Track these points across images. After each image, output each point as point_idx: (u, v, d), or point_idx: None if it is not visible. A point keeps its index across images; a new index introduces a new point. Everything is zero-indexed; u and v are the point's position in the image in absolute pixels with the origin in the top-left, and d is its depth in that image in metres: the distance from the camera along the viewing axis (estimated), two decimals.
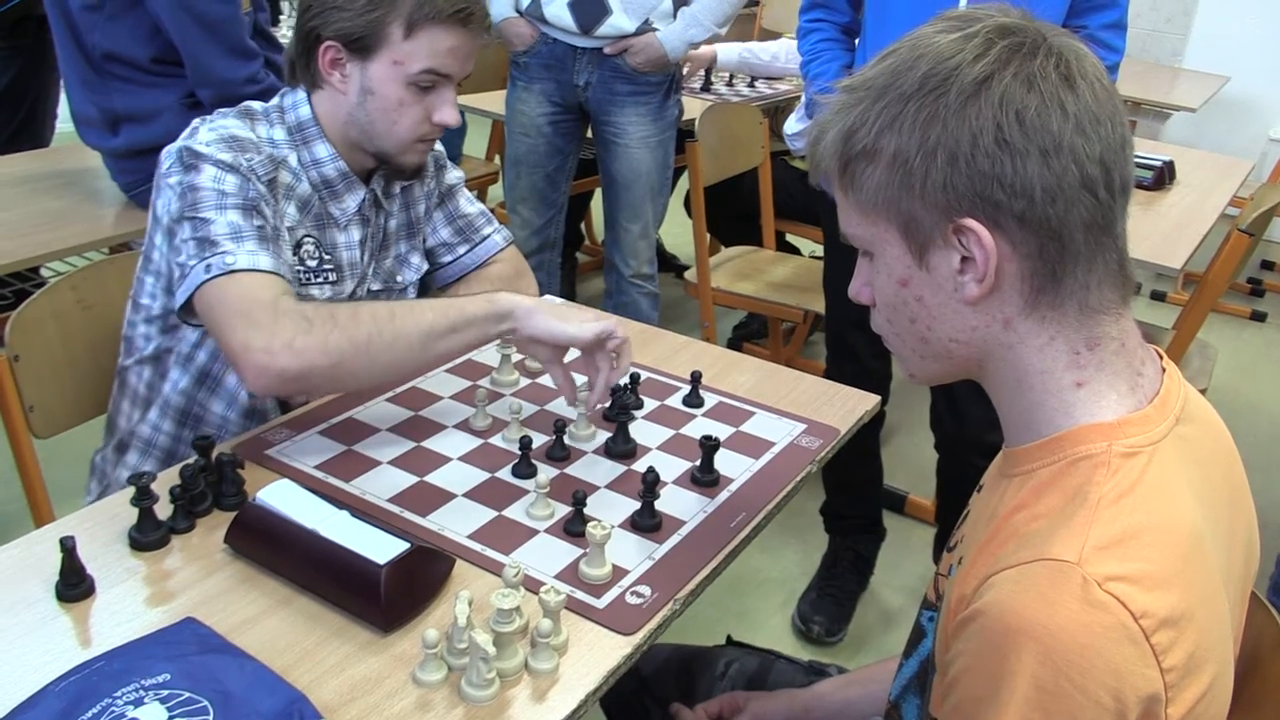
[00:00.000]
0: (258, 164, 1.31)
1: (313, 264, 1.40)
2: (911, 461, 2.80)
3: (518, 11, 2.58)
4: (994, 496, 0.84)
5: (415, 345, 1.24)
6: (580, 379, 1.36)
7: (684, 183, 3.11)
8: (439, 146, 1.61)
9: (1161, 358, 0.85)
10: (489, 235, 1.64)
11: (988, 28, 0.76)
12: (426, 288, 1.67)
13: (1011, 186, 0.74)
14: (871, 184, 0.79)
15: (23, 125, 2.86)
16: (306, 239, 1.39)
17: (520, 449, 1.26)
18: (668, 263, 3.96)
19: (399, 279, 1.56)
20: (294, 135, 1.38)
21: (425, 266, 1.60)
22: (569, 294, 3.58)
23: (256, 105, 1.40)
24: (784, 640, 2.26)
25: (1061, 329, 0.78)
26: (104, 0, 1.99)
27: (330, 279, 1.42)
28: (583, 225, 4.01)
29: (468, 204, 1.64)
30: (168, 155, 1.31)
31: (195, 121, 1.36)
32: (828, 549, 2.39)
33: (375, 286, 1.53)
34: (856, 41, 2.05)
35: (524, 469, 1.26)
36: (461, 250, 1.63)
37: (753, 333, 3.50)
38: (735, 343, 3.46)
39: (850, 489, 2.33)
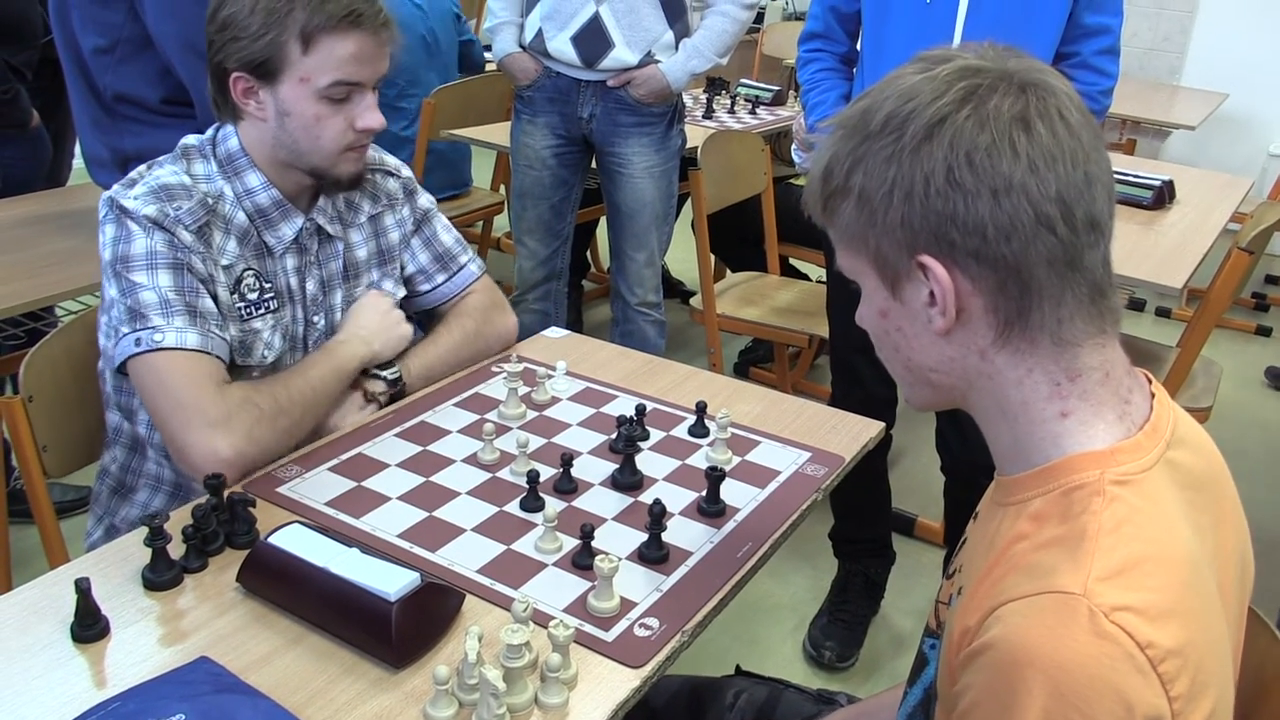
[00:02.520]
0: (186, 212, 1.33)
1: (253, 297, 1.41)
2: (920, 484, 2.81)
3: (521, 46, 2.61)
4: (990, 525, 0.85)
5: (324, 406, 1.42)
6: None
7: (687, 210, 3.14)
8: (405, 172, 1.62)
9: (1150, 382, 0.86)
10: (465, 264, 1.67)
11: (950, 69, 0.78)
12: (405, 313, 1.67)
13: (964, 225, 0.76)
14: (844, 219, 0.82)
15: None
16: (247, 272, 1.41)
17: (528, 482, 1.27)
18: (673, 288, 3.98)
19: None
20: (225, 168, 1.40)
21: (402, 293, 1.61)
22: (575, 323, 3.59)
23: (192, 140, 1.42)
24: (795, 666, 2.26)
25: (1038, 361, 0.80)
26: (115, 44, 2.02)
27: (271, 307, 1.44)
28: (588, 253, 4.04)
29: (444, 231, 1.66)
30: (103, 203, 1.34)
31: (135, 171, 1.38)
32: (838, 573, 2.39)
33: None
34: (855, 70, 2.07)
35: (532, 502, 1.27)
36: (440, 279, 1.65)
37: (759, 358, 3.52)
38: (741, 368, 3.48)
39: (859, 513, 2.33)
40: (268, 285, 1.43)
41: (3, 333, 2.35)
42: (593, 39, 2.49)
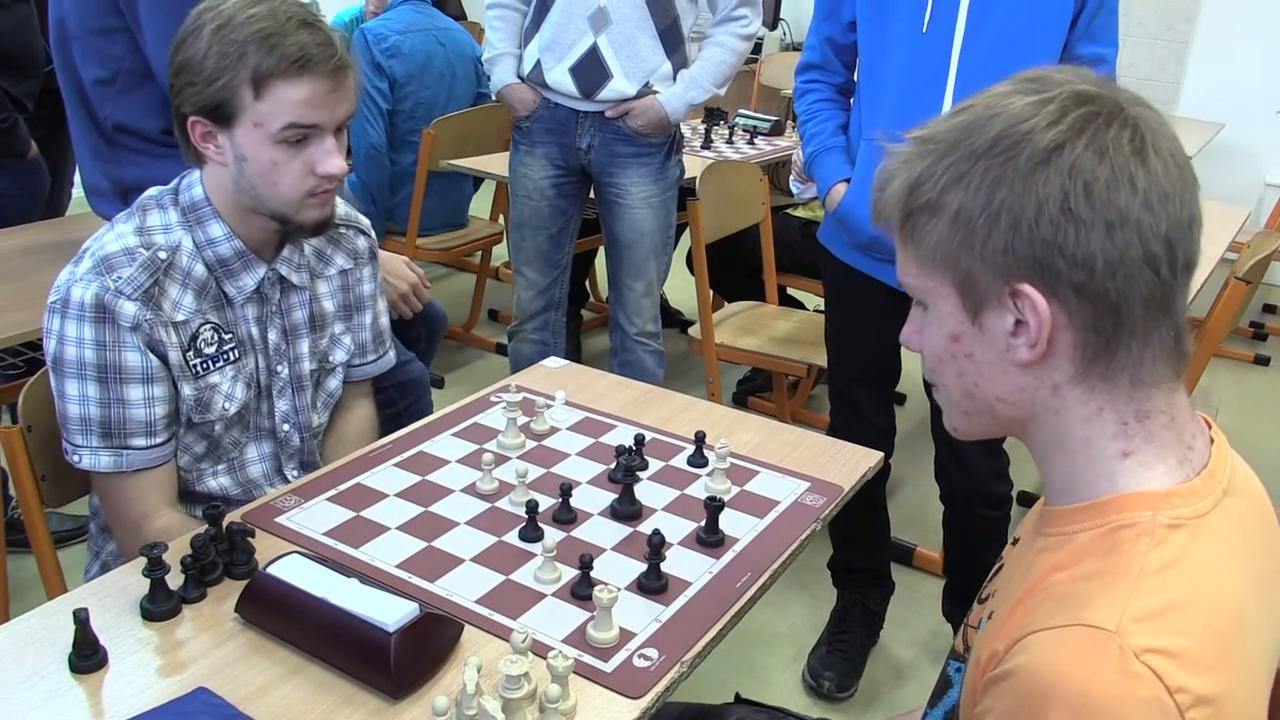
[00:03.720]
0: (126, 281, 1.30)
1: (210, 350, 1.38)
2: (918, 514, 2.80)
3: (520, 77, 2.63)
4: (1029, 553, 0.83)
5: None
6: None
7: (686, 240, 3.15)
8: (373, 234, 1.61)
9: (1210, 427, 0.84)
10: (387, 351, 1.67)
11: (1064, 94, 0.76)
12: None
13: (1072, 257, 0.74)
14: (932, 238, 0.79)
15: None
16: (204, 326, 1.38)
17: (527, 512, 1.27)
18: (672, 317, 3.99)
19: (330, 358, 1.56)
20: (188, 216, 1.37)
21: (354, 349, 1.60)
22: (574, 352, 3.60)
23: (152, 191, 1.39)
24: (794, 696, 2.24)
25: (1111, 400, 0.78)
26: (116, 75, 2.04)
27: (231, 358, 1.41)
28: (587, 283, 4.05)
29: (384, 312, 1.66)
30: (54, 288, 1.32)
31: (92, 238, 1.36)
32: (837, 603, 2.38)
33: (311, 366, 1.52)
34: (852, 101, 2.09)
35: (531, 532, 1.27)
36: (370, 359, 1.64)
37: (757, 387, 3.52)
38: (740, 397, 3.48)
39: (858, 543, 2.33)
40: (228, 336, 1.40)
41: (2, 362, 2.35)
42: (591, 70, 2.51)
